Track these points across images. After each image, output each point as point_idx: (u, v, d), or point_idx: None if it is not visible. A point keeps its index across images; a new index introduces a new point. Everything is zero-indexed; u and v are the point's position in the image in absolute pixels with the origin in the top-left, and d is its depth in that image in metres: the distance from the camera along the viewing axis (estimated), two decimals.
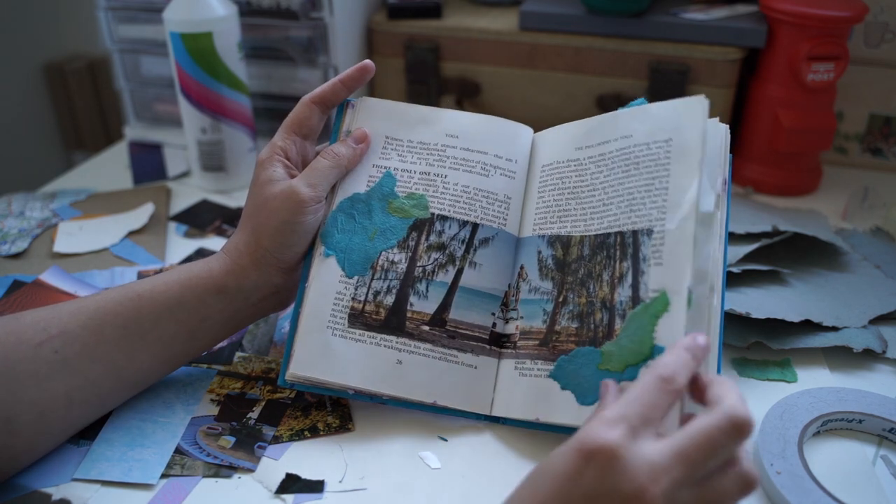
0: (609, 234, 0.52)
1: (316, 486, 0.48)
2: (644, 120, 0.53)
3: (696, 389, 0.41)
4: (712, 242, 0.49)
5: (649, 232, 0.49)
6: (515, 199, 0.57)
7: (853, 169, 0.90)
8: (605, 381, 0.44)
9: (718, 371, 0.48)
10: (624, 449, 0.35)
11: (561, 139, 0.58)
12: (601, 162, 0.54)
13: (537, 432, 0.52)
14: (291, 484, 0.48)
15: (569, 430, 0.49)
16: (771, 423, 0.51)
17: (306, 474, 0.49)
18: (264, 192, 0.53)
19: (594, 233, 0.53)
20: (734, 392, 0.38)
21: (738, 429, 0.36)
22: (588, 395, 0.48)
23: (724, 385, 0.39)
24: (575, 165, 0.56)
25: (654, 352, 0.46)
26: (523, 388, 0.52)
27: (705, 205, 0.49)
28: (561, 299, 0.53)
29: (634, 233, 0.50)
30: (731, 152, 0.53)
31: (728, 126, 0.53)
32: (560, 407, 0.49)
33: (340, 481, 0.49)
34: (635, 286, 0.49)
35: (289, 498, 0.47)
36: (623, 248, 0.50)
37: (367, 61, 0.57)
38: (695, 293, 0.47)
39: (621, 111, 0.55)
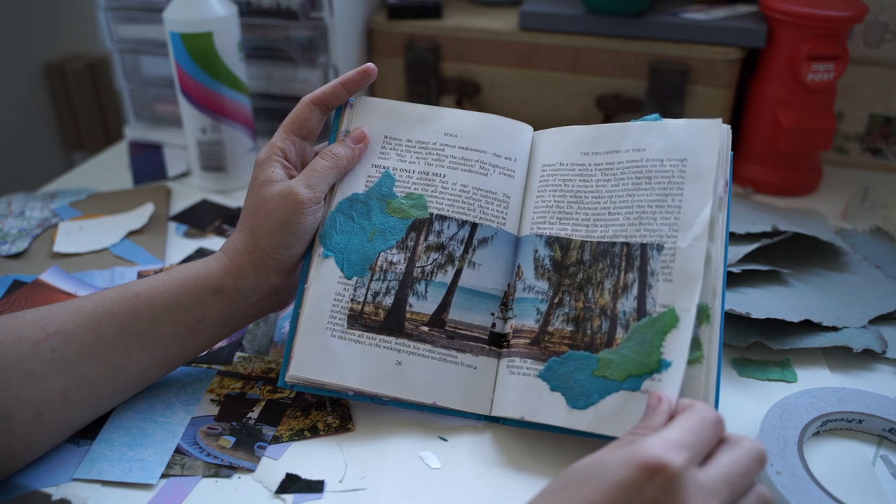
0: (614, 244, 0.52)
1: (316, 486, 0.48)
2: (659, 136, 0.53)
3: None
4: (716, 247, 0.49)
5: (659, 247, 0.50)
6: (515, 198, 0.57)
7: (853, 169, 0.90)
8: (657, 394, 0.45)
9: (719, 371, 0.48)
10: (686, 473, 0.37)
11: (565, 141, 0.58)
12: (609, 170, 0.54)
13: (537, 432, 0.52)
14: (291, 484, 0.48)
15: (564, 431, 0.50)
16: (770, 424, 0.51)
17: (306, 474, 0.49)
18: (263, 192, 0.53)
19: (597, 239, 0.53)
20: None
21: (763, 459, 0.41)
22: (580, 399, 0.48)
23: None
24: (580, 170, 0.56)
25: (661, 365, 0.46)
26: (513, 386, 0.52)
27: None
28: (556, 300, 0.53)
29: (643, 246, 0.50)
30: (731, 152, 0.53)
31: (729, 127, 0.53)
32: (549, 408, 0.49)
33: (340, 481, 0.49)
34: (641, 299, 0.49)
35: (289, 498, 0.47)
36: (629, 259, 0.51)
37: (370, 64, 0.57)
38: (711, 308, 0.48)
39: (634, 123, 0.55)
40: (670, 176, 0.52)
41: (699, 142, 0.52)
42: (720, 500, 0.38)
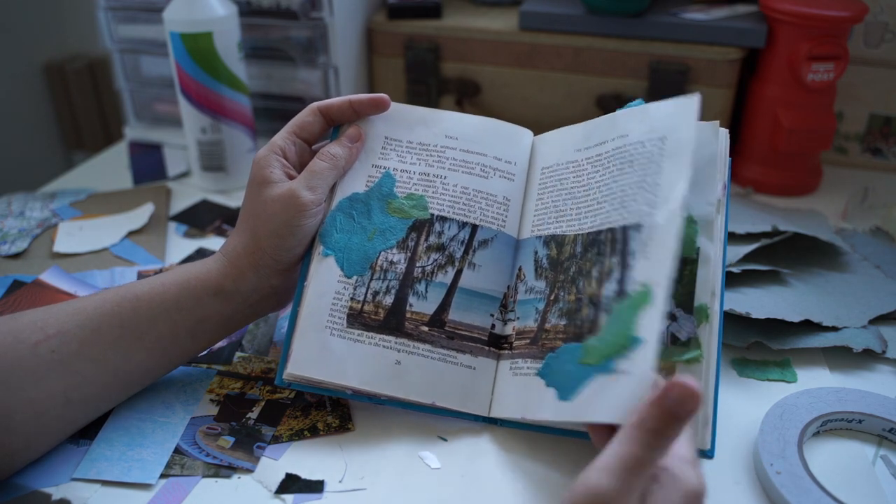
0: (601, 231, 0.51)
1: (315, 486, 0.48)
2: (641, 119, 0.53)
3: None
4: (715, 248, 0.49)
5: (638, 226, 0.49)
6: (514, 201, 0.57)
7: (853, 169, 0.90)
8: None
9: (718, 373, 0.48)
10: None
11: (561, 142, 0.58)
12: (597, 162, 0.54)
13: (535, 433, 0.52)
14: (291, 484, 0.48)
15: (562, 433, 0.50)
16: (771, 424, 0.51)
17: (306, 474, 0.49)
18: (263, 194, 0.53)
19: (587, 231, 0.52)
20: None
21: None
22: (568, 391, 0.47)
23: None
24: (573, 167, 0.56)
25: (632, 343, 0.44)
26: (515, 387, 0.52)
27: (707, 211, 0.50)
28: (552, 297, 0.53)
29: (624, 228, 0.50)
30: (731, 153, 0.53)
31: (728, 130, 0.53)
32: (543, 404, 0.49)
33: (340, 481, 0.49)
34: (621, 280, 0.48)
35: (288, 498, 0.47)
36: (613, 244, 0.50)
37: (384, 96, 0.57)
38: (710, 308, 0.48)
39: (619, 112, 0.55)
40: (650, 155, 0.51)
41: (678, 119, 0.51)
42: None
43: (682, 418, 0.37)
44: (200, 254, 0.74)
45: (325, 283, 0.53)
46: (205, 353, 0.59)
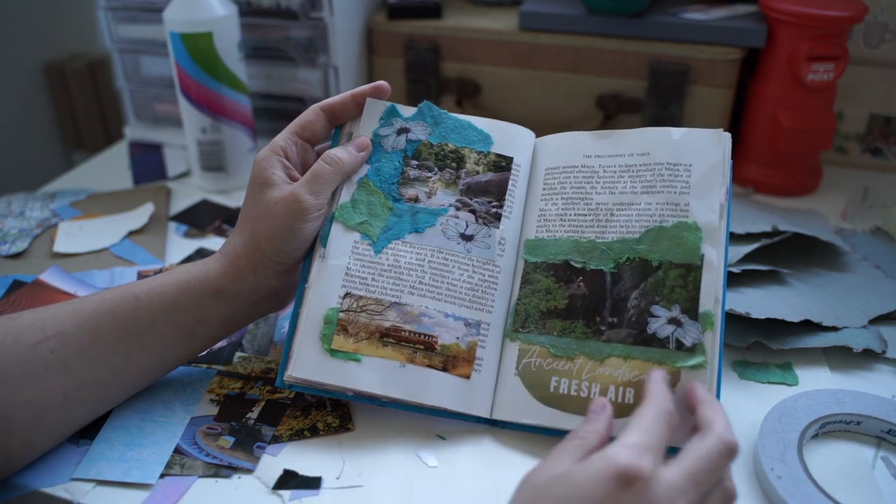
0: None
1: (313, 483, 0.48)
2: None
3: (689, 403, 0.45)
4: (717, 253, 0.50)
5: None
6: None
7: (853, 169, 0.90)
8: (601, 400, 0.45)
9: (719, 373, 0.48)
10: (656, 476, 0.37)
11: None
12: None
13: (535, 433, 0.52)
14: (289, 480, 0.48)
15: (564, 434, 0.50)
16: (770, 427, 0.51)
17: (304, 472, 0.49)
18: (264, 196, 0.53)
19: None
20: (722, 415, 0.42)
21: (731, 452, 0.40)
22: None
23: (713, 407, 0.43)
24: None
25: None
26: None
27: (710, 218, 0.51)
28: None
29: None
30: (731, 154, 0.54)
31: (730, 135, 0.54)
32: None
33: (338, 478, 0.49)
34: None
35: (285, 494, 0.47)
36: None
37: (383, 83, 0.57)
38: (714, 315, 0.49)
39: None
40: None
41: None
42: (687, 500, 0.38)
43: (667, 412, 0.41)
44: (200, 254, 0.74)
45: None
46: (205, 353, 0.59)
